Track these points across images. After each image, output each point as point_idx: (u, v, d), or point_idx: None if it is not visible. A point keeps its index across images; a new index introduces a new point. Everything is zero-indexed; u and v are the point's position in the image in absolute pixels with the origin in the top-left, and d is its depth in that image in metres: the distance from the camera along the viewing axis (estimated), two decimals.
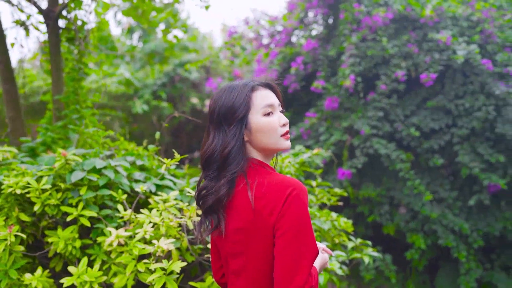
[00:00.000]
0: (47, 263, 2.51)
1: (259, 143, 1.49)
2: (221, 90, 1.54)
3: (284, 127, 1.52)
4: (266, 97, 1.52)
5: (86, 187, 2.32)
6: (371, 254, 2.71)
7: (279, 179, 1.42)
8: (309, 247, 1.37)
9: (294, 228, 1.36)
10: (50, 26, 3.65)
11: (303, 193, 1.39)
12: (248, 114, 1.48)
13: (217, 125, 1.50)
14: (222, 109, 1.48)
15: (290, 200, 1.37)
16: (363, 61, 4.82)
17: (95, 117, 3.70)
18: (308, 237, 1.37)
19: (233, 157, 1.46)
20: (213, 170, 1.50)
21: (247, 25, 6.06)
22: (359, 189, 5.00)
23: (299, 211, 1.37)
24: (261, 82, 1.55)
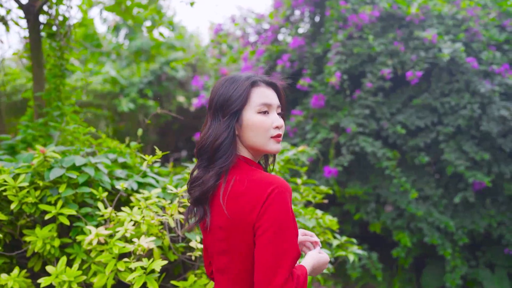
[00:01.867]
0: (25, 263, 2.45)
1: (247, 140, 1.47)
2: (224, 79, 1.51)
3: (276, 130, 1.49)
4: (265, 95, 1.49)
5: (65, 184, 2.26)
6: (356, 252, 2.69)
7: (261, 176, 1.40)
8: (290, 247, 1.33)
9: (274, 227, 1.33)
10: (30, 21, 3.58)
11: (286, 191, 1.36)
12: (243, 108, 1.46)
13: (213, 115, 1.48)
14: (220, 99, 1.47)
15: (271, 199, 1.34)
16: (349, 59, 4.81)
17: (79, 115, 3.65)
18: (288, 237, 1.33)
19: (224, 150, 1.44)
20: (204, 160, 1.48)
21: (233, 22, 6.02)
22: (345, 187, 4.99)
23: (280, 210, 1.34)
24: (265, 80, 1.52)
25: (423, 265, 5.18)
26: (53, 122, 3.34)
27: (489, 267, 4.96)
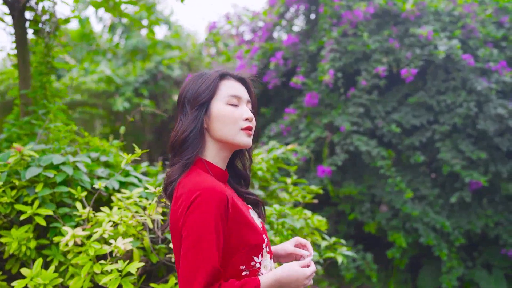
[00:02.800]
0: (3, 265, 2.38)
1: (216, 132, 1.42)
2: (192, 75, 1.50)
3: (246, 122, 1.44)
4: (234, 88, 1.46)
5: (42, 184, 2.18)
6: (345, 253, 2.62)
7: (196, 181, 1.33)
8: (205, 259, 1.26)
9: (192, 237, 1.28)
10: (15, 18, 3.50)
11: (212, 200, 1.28)
12: (211, 100, 1.42)
13: (182, 109, 1.45)
14: (188, 93, 1.44)
15: (193, 207, 1.28)
16: (344, 57, 4.73)
17: (68, 113, 3.57)
18: (204, 249, 1.26)
19: (190, 142, 1.39)
20: (175, 155, 1.45)
21: (227, 20, 5.95)
22: (340, 187, 4.91)
23: (199, 220, 1.27)
24: (234, 74, 1.49)
25: (419, 266, 5.11)
26: (39, 120, 3.26)
27: (486, 268, 4.87)
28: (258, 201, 1.55)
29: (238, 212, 1.36)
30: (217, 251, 1.28)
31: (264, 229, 1.53)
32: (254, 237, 1.37)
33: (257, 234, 1.38)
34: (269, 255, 1.45)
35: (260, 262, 1.39)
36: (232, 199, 1.36)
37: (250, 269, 1.37)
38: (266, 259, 1.42)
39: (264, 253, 1.41)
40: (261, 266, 1.40)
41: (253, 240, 1.36)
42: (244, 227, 1.36)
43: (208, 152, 1.44)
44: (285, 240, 2.39)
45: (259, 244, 1.38)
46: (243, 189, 1.56)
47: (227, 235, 1.33)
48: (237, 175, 1.59)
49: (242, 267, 1.36)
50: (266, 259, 1.42)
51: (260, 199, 1.58)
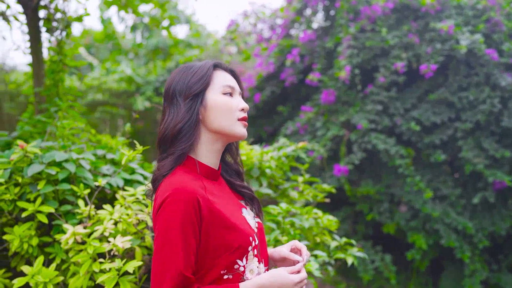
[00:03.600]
0: (8, 262, 2.38)
1: (212, 122, 1.37)
2: (178, 69, 1.45)
3: (242, 112, 1.41)
4: (228, 79, 1.44)
5: (45, 181, 2.17)
6: (356, 254, 2.53)
7: (171, 181, 1.29)
8: (171, 263, 1.22)
9: (159, 239, 1.24)
10: (29, 16, 3.53)
11: (180, 201, 1.24)
12: (206, 90, 1.39)
13: (171, 102, 1.40)
14: (178, 85, 1.39)
15: (162, 208, 1.25)
16: (362, 53, 4.62)
17: (77, 111, 3.57)
18: (170, 252, 1.22)
19: (184, 134, 1.34)
20: (165, 149, 1.40)
21: (245, 17, 5.89)
22: (358, 186, 4.79)
23: (165, 222, 1.24)
24: (225, 66, 1.47)
25: (440, 269, 4.94)
26: (51, 118, 3.27)
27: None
28: (253, 197, 1.49)
29: (215, 212, 1.29)
30: (185, 255, 1.22)
31: (261, 229, 1.46)
32: (236, 239, 1.30)
33: (240, 236, 1.31)
34: (257, 259, 1.36)
35: (244, 265, 1.32)
36: (207, 199, 1.29)
37: (233, 273, 1.30)
38: (253, 263, 1.34)
39: (249, 256, 1.33)
40: (246, 270, 1.32)
41: (235, 242, 1.29)
42: (223, 229, 1.29)
43: (201, 145, 1.39)
44: (292, 240, 2.31)
45: (242, 246, 1.30)
46: (238, 183, 1.50)
47: (204, 237, 1.27)
48: (231, 169, 1.53)
49: (223, 271, 1.29)
50: (253, 262, 1.34)
51: (255, 195, 1.52)
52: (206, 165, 1.39)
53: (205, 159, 1.40)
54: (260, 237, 1.43)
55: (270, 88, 5.45)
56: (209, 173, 1.40)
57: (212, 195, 1.34)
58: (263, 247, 1.44)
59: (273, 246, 2.29)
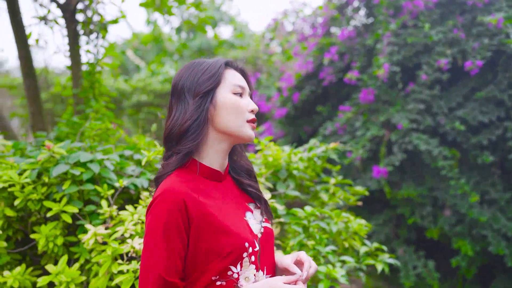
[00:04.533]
0: (39, 260, 2.43)
1: (221, 122, 1.32)
2: (187, 64, 1.40)
3: (251, 114, 1.36)
4: (239, 78, 1.38)
5: (70, 181, 2.20)
6: (388, 261, 2.40)
7: (165, 181, 1.27)
8: (153, 265, 1.19)
9: (145, 239, 1.22)
10: (68, 20, 3.63)
11: (163, 203, 1.21)
12: (216, 88, 1.34)
13: (179, 98, 1.35)
14: (187, 82, 1.34)
15: (151, 208, 1.23)
16: (403, 50, 4.43)
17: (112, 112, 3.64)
18: (154, 253, 1.20)
19: (192, 132, 1.29)
20: (171, 147, 1.35)
21: (284, 15, 5.82)
22: (399, 189, 4.61)
23: (151, 223, 1.22)
24: (236, 64, 1.42)
25: (490, 277, 4.66)
26: (85, 119, 3.35)
27: None
28: (259, 197, 1.43)
29: (206, 215, 1.24)
30: (166, 259, 1.19)
31: (268, 234, 1.39)
32: (228, 244, 1.23)
33: (234, 241, 1.24)
34: (254, 266, 1.29)
35: (238, 272, 1.25)
36: (197, 201, 1.24)
37: (226, 279, 1.24)
38: (249, 270, 1.28)
39: (245, 263, 1.26)
40: (240, 277, 1.26)
41: (226, 247, 1.23)
42: (214, 233, 1.24)
43: (206, 145, 1.35)
44: (318, 245, 2.23)
45: (235, 252, 1.24)
46: (246, 181, 1.44)
47: (194, 241, 1.23)
48: (240, 167, 1.47)
49: (215, 277, 1.23)
50: (249, 269, 1.28)
51: (262, 194, 1.45)
52: (207, 166, 1.35)
53: (208, 159, 1.36)
54: (265, 243, 1.36)
55: (309, 87, 5.35)
56: (210, 174, 1.35)
57: (207, 197, 1.29)
58: (267, 254, 1.36)
59: (298, 251, 2.22)
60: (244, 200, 1.42)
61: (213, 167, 1.36)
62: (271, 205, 2.27)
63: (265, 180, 2.62)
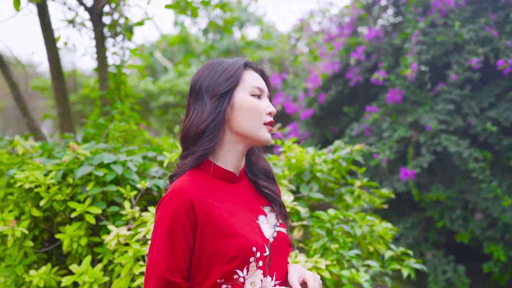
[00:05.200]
0: (65, 261, 2.46)
1: (238, 124, 1.30)
2: (207, 64, 1.39)
3: (269, 116, 1.33)
4: (257, 80, 1.36)
5: (94, 182, 2.22)
6: (414, 266, 2.34)
7: (177, 181, 1.28)
8: (155, 264, 1.21)
9: (152, 235, 1.24)
10: (94, 23, 3.67)
11: (169, 203, 1.21)
12: (234, 89, 1.31)
13: (197, 98, 1.33)
14: (205, 82, 1.32)
15: (159, 206, 1.24)
16: (432, 49, 4.32)
17: (137, 113, 3.67)
18: (156, 252, 1.21)
19: (209, 134, 1.28)
20: (187, 148, 1.34)
21: (310, 15, 5.77)
22: (428, 191, 4.49)
23: (159, 220, 1.23)
24: (255, 65, 1.39)
25: None
26: (111, 120, 3.38)
27: None
28: (275, 199, 1.40)
29: (213, 217, 1.23)
30: (168, 259, 1.19)
31: (281, 239, 1.35)
32: (233, 248, 1.21)
33: (240, 245, 1.22)
34: (262, 271, 1.26)
35: (244, 276, 1.23)
36: (205, 202, 1.23)
37: (232, 283, 1.23)
38: (255, 275, 1.25)
39: (251, 268, 1.24)
40: (246, 282, 1.24)
41: (231, 251, 1.21)
42: (220, 236, 1.22)
43: (221, 146, 1.33)
44: (341, 248, 2.19)
45: (240, 256, 1.22)
46: (262, 183, 1.41)
47: (199, 242, 1.22)
48: (258, 168, 1.44)
49: (220, 280, 1.22)
50: (256, 275, 1.25)
51: (277, 197, 1.41)
52: (221, 167, 1.33)
53: (223, 161, 1.34)
54: (277, 248, 1.32)
55: (336, 88, 5.28)
56: (223, 176, 1.33)
57: (217, 198, 1.28)
58: (279, 260, 1.33)
59: (321, 255, 2.18)
60: (259, 203, 1.39)
61: (227, 168, 1.34)
62: (294, 207, 2.24)
63: (289, 182, 2.59)
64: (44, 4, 3.48)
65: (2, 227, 2.11)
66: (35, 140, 3.71)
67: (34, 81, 9.53)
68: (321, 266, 2.02)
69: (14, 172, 2.29)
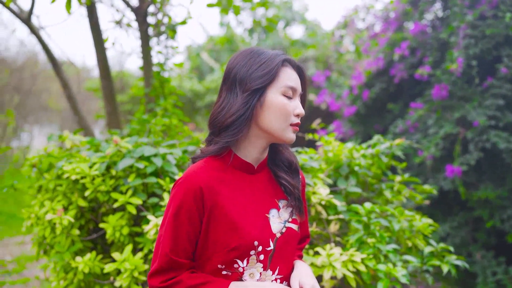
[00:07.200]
0: (109, 250, 2.57)
1: (265, 121, 1.30)
2: (247, 50, 1.35)
3: (296, 118, 1.32)
4: (292, 78, 1.33)
5: (135, 174, 2.31)
6: (454, 262, 2.27)
7: (193, 165, 1.32)
8: (163, 243, 1.27)
9: (164, 215, 1.29)
10: (139, 23, 3.81)
11: (181, 187, 1.26)
12: (268, 86, 1.30)
13: (230, 87, 1.32)
14: (241, 72, 1.30)
15: (172, 189, 1.30)
16: (480, 42, 4.17)
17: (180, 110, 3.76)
18: (165, 232, 1.27)
19: (236, 127, 1.28)
20: (213, 133, 1.35)
21: (354, 12, 5.70)
22: (476, 190, 4.34)
23: (169, 202, 1.29)
24: (294, 62, 1.36)
25: None
26: (154, 117, 3.49)
27: None
28: (291, 191, 1.39)
29: (220, 207, 1.26)
30: (173, 240, 1.25)
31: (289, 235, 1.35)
32: (234, 240, 1.24)
33: (241, 238, 1.24)
34: (262, 265, 1.29)
35: (243, 267, 1.27)
36: (215, 191, 1.26)
37: (232, 271, 1.27)
38: (255, 267, 1.28)
39: (252, 260, 1.27)
40: (245, 272, 1.28)
41: (232, 242, 1.24)
42: (224, 226, 1.25)
43: (246, 138, 1.34)
44: (378, 242, 2.16)
45: (241, 248, 1.24)
46: (281, 174, 1.41)
47: (205, 228, 1.26)
48: (281, 159, 1.45)
49: (221, 266, 1.26)
50: (255, 267, 1.28)
51: (294, 189, 1.40)
52: (240, 158, 1.34)
53: (244, 152, 1.35)
54: (283, 244, 1.33)
55: (380, 84, 5.20)
56: (241, 166, 1.35)
57: (230, 188, 1.30)
58: (283, 255, 1.33)
59: (357, 248, 2.16)
60: (275, 196, 1.39)
61: (247, 159, 1.35)
62: (330, 200, 2.24)
63: (327, 176, 2.59)
64: (93, 6, 3.64)
65: (51, 216, 2.24)
66: (84, 136, 3.88)
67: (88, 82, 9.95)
68: (356, 259, 2.01)
69: (62, 165, 2.42)
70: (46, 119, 13.56)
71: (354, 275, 2.06)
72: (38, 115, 12.07)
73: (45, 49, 3.93)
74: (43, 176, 2.63)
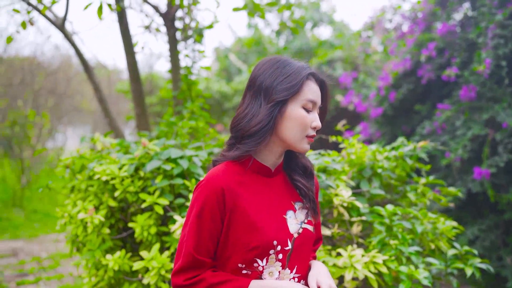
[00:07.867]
0: (138, 248, 2.66)
1: (283, 131, 1.36)
2: (274, 60, 1.39)
3: (313, 130, 1.38)
4: (314, 92, 1.38)
5: (162, 175, 2.39)
6: (479, 265, 2.27)
7: (215, 168, 1.38)
8: (186, 243, 1.32)
9: (187, 214, 1.35)
10: (168, 27, 3.91)
11: (205, 188, 1.32)
12: (290, 99, 1.35)
13: (254, 94, 1.37)
14: (267, 81, 1.35)
15: (194, 191, 1.36)
16: (510, 42, 4.09)
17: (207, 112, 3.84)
18: (188, 232, 1.33)
19: (257, 137, 1.33)
20: (235, 138, 1.40)
21: (382, 12, 5.67)
22: (506, 192, 4.26)
23: (192, 204, 1.34)
24: (318, 75, 1.40)
25: None
26: (182, 119, 3.58)
27: None
28: (307, 194, 1.44)
29: (240, 208, 1.32)
30: (196, 239, 1.30)
31: (306, 236, 1.40)
32: (254, 240, 1.30)
33: (260, 238, 1.30)
34: (281, 263, 1.34)
35: (263, 266, 1.32)
36: (235, 193, 1.32)
37: (252, 270, 1.33)
38: (274, 266, 1.34)
39: (271, 259, 1.32)
40: (265, 271, 1.33)
41: (252, 242, 1.30)
42: (244, 227, 1.31)
43: (265, 146, 1.40)
44: (401, 244, 2.17)
45: (260, 248, 1.30)
46: (296, 177, 1.47)
47: (226, 229, 1.32)
48: (296, 164, 1.50)
49: (241, 265, 1.32)
50: (274, 266, 1.34)
51: (309, 192, 1.45)
52: (258, 162, 1.40)
53: (262, 157, 1.40)
54: (300, 244, 1.38)
55: (407, 85, 5.16)
56: (259, 170, 1.40)
57: (249, 191, 1.35)
58: (300, 255, 1.39)
59: (379, 250, 2.18)
60: (291, 198, 1.44)
61: (264, 163, 1.41)
62: (352, 203, 2.26)
63: (351, 178, 2.61)
64: (123, 12, 3.76)
65: (83, 215, 2.34)
66: (115, 137, 4.01)
67: (119, 84, 10.19)
68: (378, 261, 2.03)
69: (94, 166, 2.52)
70: (79, 121, 13.94)
71: (376, 276, 2.08)
72: (72, 117, 12.42)
73: (78, 54, 4.08)
74: (76, 177, 2.75)
